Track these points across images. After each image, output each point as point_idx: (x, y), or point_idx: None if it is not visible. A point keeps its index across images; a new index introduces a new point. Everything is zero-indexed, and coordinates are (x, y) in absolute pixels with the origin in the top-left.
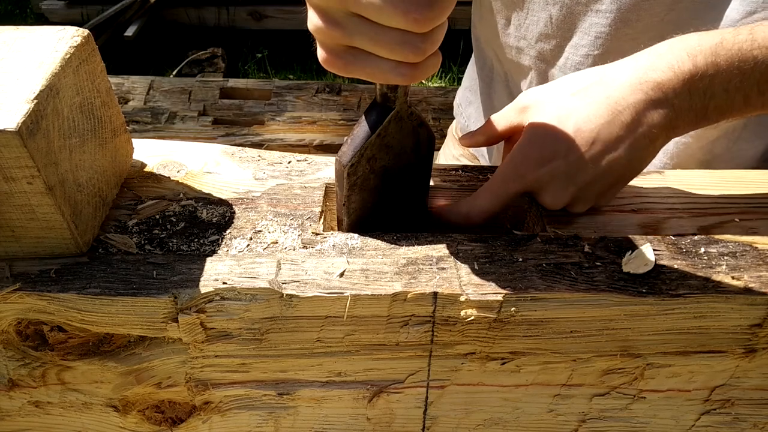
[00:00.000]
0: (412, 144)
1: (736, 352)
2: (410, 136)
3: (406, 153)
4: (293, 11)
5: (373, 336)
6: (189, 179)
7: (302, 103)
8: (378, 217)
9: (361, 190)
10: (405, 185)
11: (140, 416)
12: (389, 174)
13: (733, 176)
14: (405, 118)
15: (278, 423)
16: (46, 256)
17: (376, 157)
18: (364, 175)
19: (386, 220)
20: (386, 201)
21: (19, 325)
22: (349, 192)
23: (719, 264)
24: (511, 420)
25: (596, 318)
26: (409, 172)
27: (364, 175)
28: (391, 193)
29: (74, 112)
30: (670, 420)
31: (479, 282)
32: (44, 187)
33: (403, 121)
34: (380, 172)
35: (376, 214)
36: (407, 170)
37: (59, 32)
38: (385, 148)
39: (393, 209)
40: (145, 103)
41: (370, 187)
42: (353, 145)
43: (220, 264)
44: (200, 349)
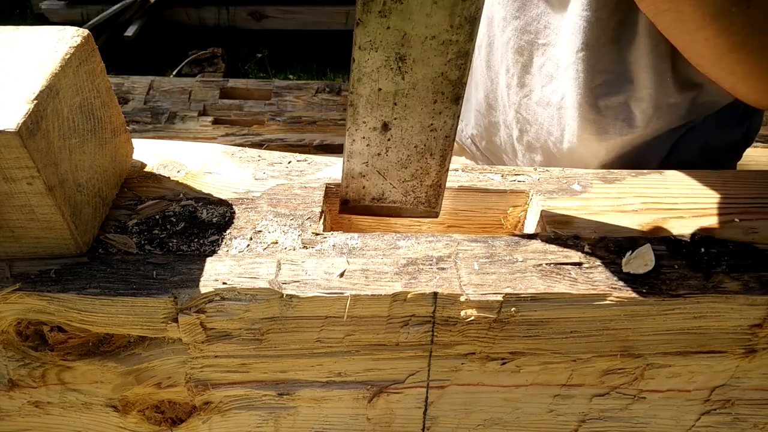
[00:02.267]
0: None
1: (736, 353)
2: None
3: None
4: (293, 11)
5: (373, 336)
6: (189, 179)
7: (302, 103)
8: None
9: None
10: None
11: (140, 416)
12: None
13: (733, 176)
14: None
15: (278, 423)
16: (46, 256)
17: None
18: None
19: None
20: None
21: (19, 325)
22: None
23: (719, 264)
24: (511, 420)
25: (596, 318)
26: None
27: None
28: None
29: (74, 112)
30: (670, 420)
31: (479, 282)
32: (44, 188)
33: None
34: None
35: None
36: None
37: (59, 32)
38: None
39: None
40: (145, 103)
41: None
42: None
43: (220, 264)
44: (200, 350)
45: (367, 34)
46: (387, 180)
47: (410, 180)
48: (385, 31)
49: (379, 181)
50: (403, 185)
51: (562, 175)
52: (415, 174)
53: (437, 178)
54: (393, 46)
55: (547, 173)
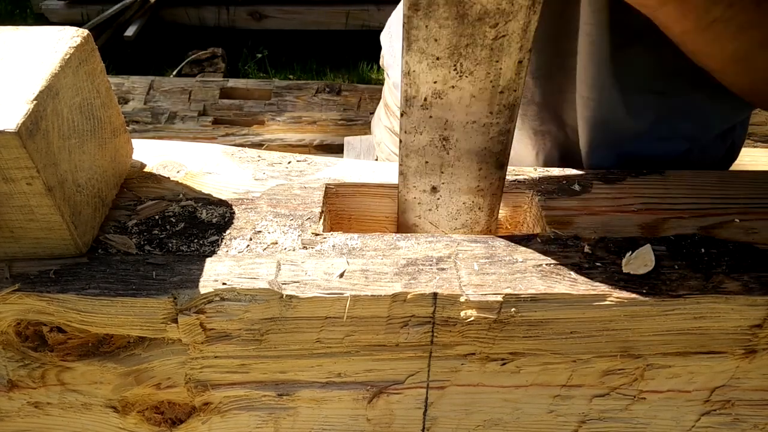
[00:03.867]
0: None
1: (736, 353)
2: None
3: None
4: (293, 11)
5: (373, 337)
6: (189, 180)
7: (302, 103)
8: None
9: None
10: None
11: (140, 417)
12: None
13: (733, 176)
14: None
15: (278, 424)
16: (45, 256)
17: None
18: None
19: None
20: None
21: (18, 325)
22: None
23: (719, 264)
24: (511, 421)
25: (596, 319)
26: None
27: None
28: None
29: (74, 112)
30: (670, 421)
31: (479, 282)
32: (44, 188)
33: None
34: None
35: None
36: None
37: (59, 32)
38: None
39: None
40: (145, 103)
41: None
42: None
43: (219, 265)
44: (200, 350)
45: (411, 122)
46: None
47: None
48: (428, 119)
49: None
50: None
51: (563, 175)
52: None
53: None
54: (437, 129)
55: (547, 173)
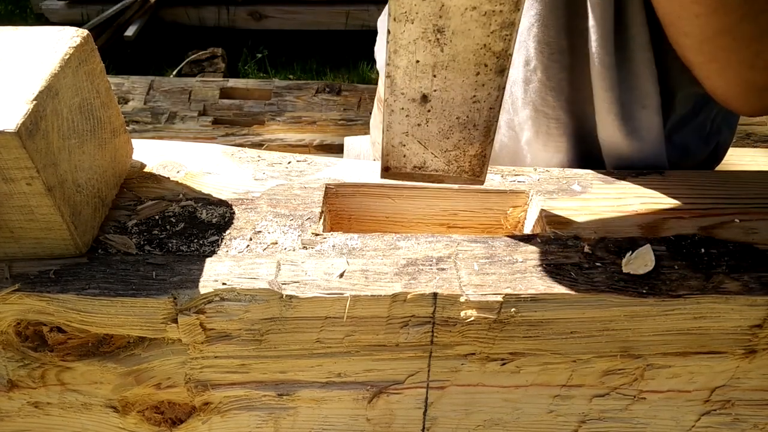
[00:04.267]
0: None
1: (736, 353)
2: None
3: None
4: (293, 11)
5: (373, 337)
6: (189, 180)
7: (302, 103)
8: None
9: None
10: None
11: (140, 417)
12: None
13: (733, 176)
14: None
15: (278, 424)
16: (45, 256)
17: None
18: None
19: None
20: None
21: (18, 325)
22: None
23: (719, 264)
24: (511, 421)
25: (596, 319)
26: None
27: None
28: None
29: (73, 112)
30: (670, 421)
31: (479, 282)
32: (43, 188)
33: None
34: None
35: None
36: None
37: (59, 32)
38: None
39: None
40: (145, 103)
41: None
42: None
43: (219, 265)
44: (200, 350)
45: (402, 5)
46: (428, 150)
47: (453, 150)
48: (421, 2)
49: (420, 151)
50: (446, 155)
51: (562, 176)
52: (458, 144)
53: (481, 148)
54: (430, 17)
55: (547, 173)
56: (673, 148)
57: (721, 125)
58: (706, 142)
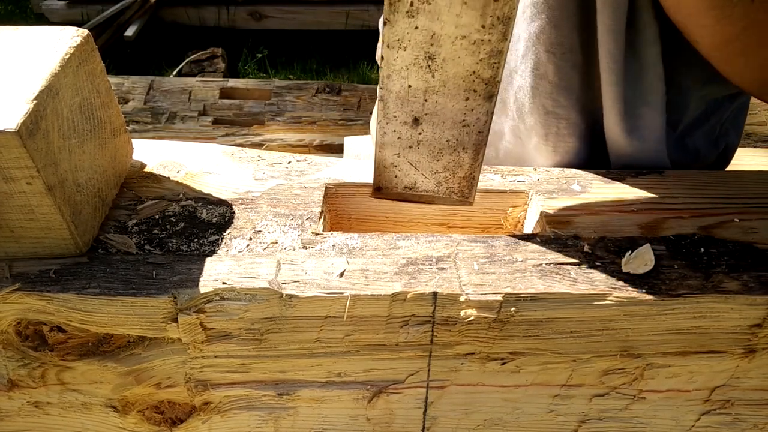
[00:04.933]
0: None
1: (735, 353)
2: None
3: None
4: (293, 11)
5: (373, 336)
6: (189, 179)
7: (302, 103)
8: None
9: None
10: None
11: (140, 417)
12: None
13: (733, 176)
14: None
15: (278, 423)
16: (45, 256)
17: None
18: None
19: None
20: None
21: (18, 325)
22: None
23: (719, 264)
24: (511, 420)
25: (596, 318)
26: None
27: None
28: None
29: (74, 112)
30: (670, 420)
31: (479, 282)
32: (44, 188)
33: None
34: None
35: None
36: None
37: (59, 32)
38: None
39: None
40: (145, 103)
41: None
42: None
43: (219, 264)
44: (200, 350)
45: (395, 33)
46: (419, 171)
47: (443, 171)
48: (413, 30)
49: (411, 172)
50: (436, 176)
51: (562, 175)
52: (448, 166)
53: (470, 170)
54: (422, 45)
55: (547, 173)
56: (685, 152)
57: (729, 128)
58: (715, 145)
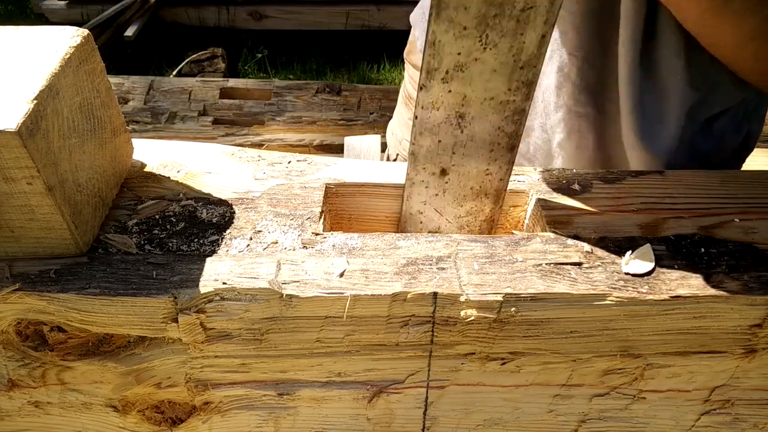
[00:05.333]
0: None
1: (736, 353)
2: None
3: None
4: (293, 11)
5: (373, 336)
6: (189, 179)
7: (302, 103)
8: None
9: None
10: None
11: (140, 416)
12: None
13: (733, 176)
14: None
15: (278, 423)
16: (46, 256)
17: None
18: None
19: None
20: None
21: (18, 325)
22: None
23: (719, 264)
24: (511, 420)
25: (596, 318)
26: None
27: None
28: None
29: (74, 112)
30: (670, 420)
31: (479, 282)
32: (44, 188)
33: None
34: None
35: None
36: None
37: (59, 32)
38: None
39: None
40: (145, 103)
41: None
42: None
43: (219, 264)
44: (200, 350)
45: (430, 96)
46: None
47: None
48: (447, 93)
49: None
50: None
51: (562, 175)
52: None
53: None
54: (453, 106)
55: (547, 173)
56: (710, 136)
57: (752, 115)
58: (738, 130)
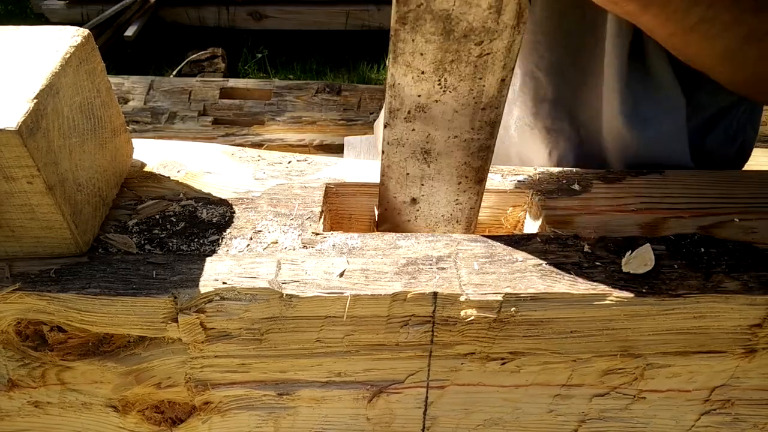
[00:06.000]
0: None
1: (736, 353)
2: None
3: None
4: (293, 11)
5: (373, 336)
6: (189, 179)
7: (302, 103)
8: None
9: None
10: None
11: (140, 416)
12: None
13: (733, 176)
14: None
15: (278, 423)
16: (46, 256)
17: None
18: None
19: None
20: None
21: (18, 325)
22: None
23: (719, 264)
24: (511, 420)
25: (596, 318)
26: None
27: None
28: None
29: (74, 111)
30: (670, 420)
31: (479, 282)
32: (44, 187)
33: None
34: None
35: None
36: None
37: (59, 32)
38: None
39: None
40: (145, 103)
41: None
42: None
43: (219, 264)
44: (200, 350)
45: (394, 134)
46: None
47: None
48: (411, 132)
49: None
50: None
51: (562, 175)
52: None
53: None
54: (418, 143)
55: (547, 173)
56: (702, 151)
57: (746, 123)
58: (732, 141)
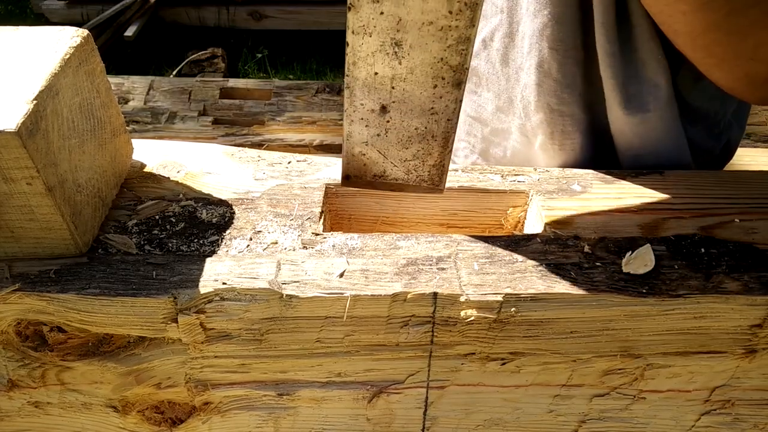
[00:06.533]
0: None
1: (736, 353)
2: None
3: None
4: (293, 11)
5: (373, 336)
6: (189, 180)
7: (302, 103)
8: None
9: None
10: None
11: (140, 417)
12: None
13: (733, 176)
14: None
15: (278, 423)
16: (45, 256)
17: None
18: None
19: None
20: None
21: (18, 325)
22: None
23: (719, 264)
24: (511, 420)
25: (596, 318)
26: None
27: None
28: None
29: (74, 112)
30: (670, 420)
31: (479, 282)
32: (44, 188)
33: None
34: None
35: None
36: None
37: (59, 32)
38: None
39: None
40: (145, 103)
41: None
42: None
43: (219, 264)
44: (200, 350)
45: (360, 18)
46: (388, 159)
47: (412, 160)
48: (379, 16)
49: (379, 160)
50: (405, 164)
51: (562, 175)
52: (417, 154)
53: (440, 158)
54: (388, 31)
55: (547, 173)
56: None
57: (732, 122)
58: (717, 139)
